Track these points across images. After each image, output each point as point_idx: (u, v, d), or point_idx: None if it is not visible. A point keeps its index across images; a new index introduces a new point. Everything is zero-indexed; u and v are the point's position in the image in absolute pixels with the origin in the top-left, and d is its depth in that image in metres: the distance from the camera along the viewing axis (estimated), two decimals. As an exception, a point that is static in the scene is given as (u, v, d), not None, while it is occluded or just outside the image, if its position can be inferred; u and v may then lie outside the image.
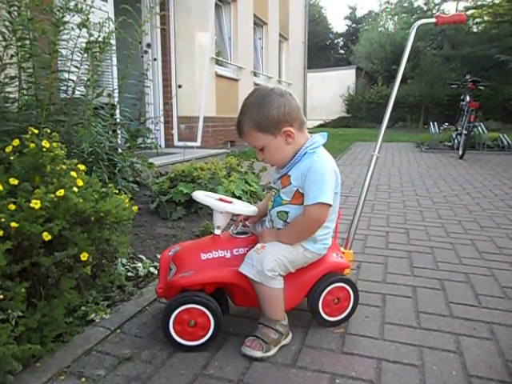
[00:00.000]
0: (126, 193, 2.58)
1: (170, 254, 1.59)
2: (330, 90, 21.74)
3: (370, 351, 1.38)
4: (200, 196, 1.52)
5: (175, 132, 7.09)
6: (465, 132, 7.28)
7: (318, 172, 1.38)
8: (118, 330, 1.49)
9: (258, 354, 1.32)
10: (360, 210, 1.97)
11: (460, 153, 7.29)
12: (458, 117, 8.26)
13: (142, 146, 4.52)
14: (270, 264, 1.35)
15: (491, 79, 15.86)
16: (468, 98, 7.60)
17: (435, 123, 9.57)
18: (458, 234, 2.79)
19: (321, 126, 19.24)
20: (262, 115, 1.35)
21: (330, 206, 1.40)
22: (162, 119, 6.47)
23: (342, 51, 37.75)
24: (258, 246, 1.42)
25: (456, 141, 8.18)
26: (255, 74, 9.97)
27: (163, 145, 6.89)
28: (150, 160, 4.19)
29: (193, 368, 1.28)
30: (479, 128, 8.61)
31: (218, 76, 7.93)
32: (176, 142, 7.02)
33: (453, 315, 1.65)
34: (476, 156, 7.69)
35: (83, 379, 1.22)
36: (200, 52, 7.13)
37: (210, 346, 1.40)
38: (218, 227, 1.49)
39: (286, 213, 1.47)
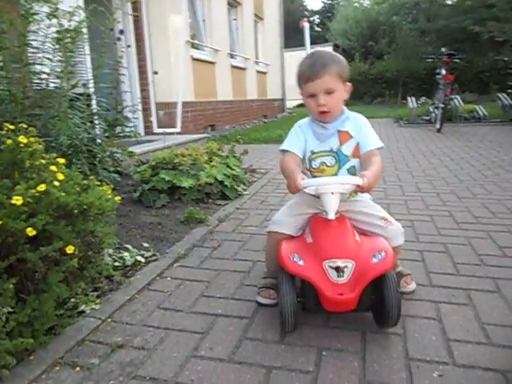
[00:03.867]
0: (107, 183, 2.57)
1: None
2: (308, 68, 21.55)
3: (355, 324, 1.44)
4: (309, 183, 1.40)
5: (154, 119, 7.01)
6: (441, 105, 7.38)
7: (368, 124, 1.61)
8: (109, 319, 1.51)
9: None
10: None
11: (437, 126, 7.41)
12: (434, 90, 8.35)
13: (121, 135, 4.46)
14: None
15: (466, 51, 16.01)
16: (444, 72, 7.67)
17: (413, 98, 9.66)
18: (436, 206, 2.87)
19: (300, 105, 19.19)
20: (343, 66, 1.54)
21: None
22: (139, 107, 6.37)
23: (318, 29, 37.41)
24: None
25: (433, 114, 8.28)
26: (232, 56, 9.85)
27: (143, 132, 6.81)
28: (130, 149, 4.16)
29: (184, 351, 1.32)
30: (455, 101, 8.73)
31: (194, 60, 7.82)
32: (155, 129, 6.95)
33: (432, 284, 1.72)
34: (453, 128, 7.82)
35: (78, 369, 1.25)
36: (174, 36, 7.00)
37: (201, 329, 1.44)
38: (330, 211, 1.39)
39: (354, 167, 1.58)
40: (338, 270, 1.30)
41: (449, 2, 21.40)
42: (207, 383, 1.17)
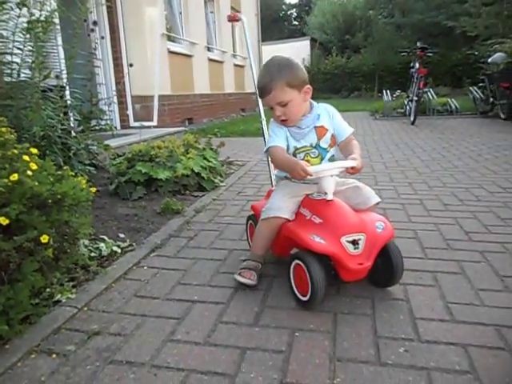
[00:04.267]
0: (82, 176, 2.56)
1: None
2: (286, 62, 21.62)
3: (327, 306, 1.49)
4: (316, 169, 1.52)
5: (130, 112, 6.94)
6: (415, 98, 7.54)
7: (337, 112, 1.74)
8: (85, 308, 1.52)
9: None
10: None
11: (412, 119, 7.57)
12: (408, 84, 8.51)
13: (97, 128, 4.42)
14: None
15: (440, 46, 16.35)
16: (417, 65, 7.85)
17: (388, 91, 9.83)
18: (408, 194, 2.96)
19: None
20: (292, 73, 1.59)
21: None
22: (115, 99, 6.30)
23: (295, 22, 37.50)
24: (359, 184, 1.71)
25: (408, 107, 8.46)
26: (209, 49, 9.81)
27: (119, 126, 6.74)
28: (106, 142, 4.11)
29: (161, 335, 1.35)
30: (429, 94, 8.93)
31: (171, 52, 7.76)
32: (132, 123, 6.88)
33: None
34: (427, 121, 8.01)
35: (54, 355, 1.26)
36: (150, 28, 6.93)
37: (177, 314, 1.47)
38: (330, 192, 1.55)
39: (333, 156, 1.71)
40: (353, 243, 1.46)
41: (423, -3, 21.75)
42: (183, 365, 1.20)
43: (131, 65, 5.53)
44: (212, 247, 2.10)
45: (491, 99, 8.07)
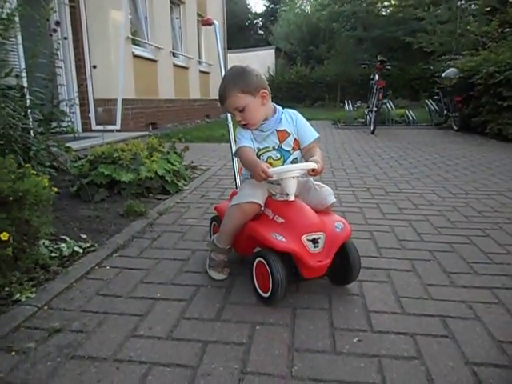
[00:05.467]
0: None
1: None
2: (251, 70, 21.84)
3: (286, 302, 1.55)
4: (276, 171, 1.56)
5: (92, 115, 6.80)
6: (375, 109, 7.84)
7: (302, 118, 1.79)
8: (46, 307, 1.51)
9: None
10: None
11: (371, 128, 7.85)
12: (369, 95, 8.83)
13: (58, 129, 4.32)
14: None
15: (399, 59, 17.04)
16: (377, 77, 8.15)
17: (349, 101, 10.15)
18: (366, 199, 3.09)
19: (244, 106, 19.38)
20: (245, 80, 1.66)
21: None
22: (77, 101, 6.17)
23: (261, 32, 37.96)
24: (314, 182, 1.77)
25: (368, 117, 8.77)
26: (174, 55, 9.78)
27: (80, 129, 6.60)
28: (68, 144, 4.04)
29: (123, 331, 1.36)
30: (388, 105, 9.29)
31: (136, 56, 7.70)
32: (94, 126, 6.75)
33: (358, 266, 1.88)
34: (386, 131, 8.32)
35: (13, 353, 1.25)
36: (114, 31, 6.85)
37: (139, 311, 1.48)
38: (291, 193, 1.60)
39: (296, 159, 1.75)
40: (314, 241, 1.52)
41: (383, 13, 22.63)
42: (146, 358, 1.22)
43: (94, 66, 5.46)
44: (175, 248, 2.12)
45: (445, 111, 8.50)
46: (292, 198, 1.60)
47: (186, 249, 2.10)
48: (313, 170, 1.60)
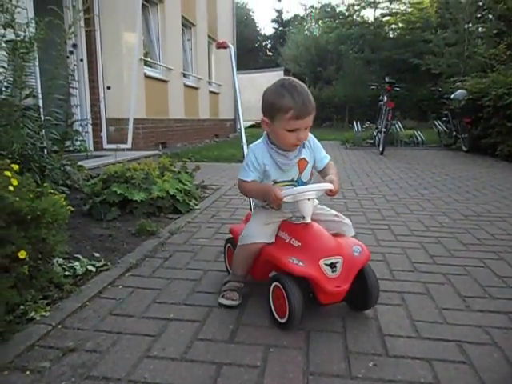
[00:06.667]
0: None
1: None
2: (260, 91, 21.80)
3: (300, 324, 1.54)
4: (290, 193, 1.54)
5: (104, 134, 6.92)
6: (384, 130, 7.88)
7: (316, 141, 1.75)
8: (60, 326, 1.52)
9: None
10: None
11: (380, 149, 7.87)
12: (377, 116, 8.88)
13: (71, 148, 4.40)
14: None
15: (407, 81, 17.16)
16: (386, 99, 8.22)
17: (358, 122, 10.20)
18: (377, 220, 3.09)
19: (252, 126, 19.55)
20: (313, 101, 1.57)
21: None
22: (90, 121, 6.29)
23: (270, 53, 38.56)
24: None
25: (377, 138, 8.79)
26: (185, 76, 9.96)
27: (92, 148, 6.69)
28: (80, 163, 4.11)
29: (137, 352, 1.36)
30: (397, 126, 9.34)
31: (147, 77, 7.85)
32: (105, 145, 6.86)
33: (371, 289, 1.86)
34: (394, 152, 8.33)
35: (28, 372, 1.25)
36: (128, 53, 7.01)
37: (153, 332, 1.48)
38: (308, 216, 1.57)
39: None
40: (331, 266, 1.48)
41: (391, 36, 22.95)
42: (160, 380, 1.22)
43: (109, 87, 5.58)
44: (187, 268, 2.13)
45: (454, 133, 8.52)
46: (308, 220, 1.57)
47: (198, 269, 2.10)
48: (330, 190, 1.58)
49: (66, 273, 1.90)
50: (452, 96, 8.30)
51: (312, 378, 1.24)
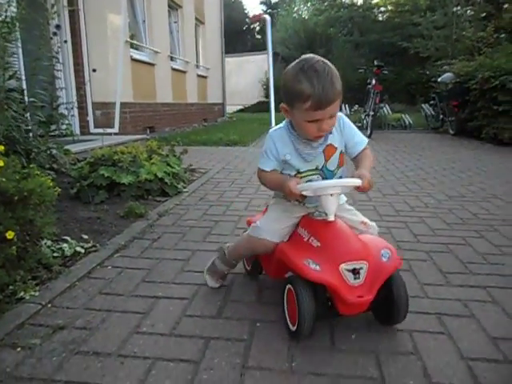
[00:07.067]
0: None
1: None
2: (248, 74, 22.03)
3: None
4: (307, 187, 1.36)
5: (91, 118, 6.85)
6: (372, 113, 7.91)
7: (349, 122, 1.50)
8: (49, 305, 1.54)
9: None
10: None
11: (368, 132, 7.90)
12: (365, 99, 8.90)
13: (57, 132, 4.35)
14: None
15: (395, 64, 17.16)
16: (374, 82, 8.22)
17: (346, 105, 10.22)
18: (363, 201, 3.13)
19: (240, 110, 19.48)
20: (340, 84, 1.34)
21: None
22: (75, 104, 6.21)
23: (258, 36, 38.16)
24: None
25: (365, 121, 8.82)
26: (172, 59, 9.83)
27: (78, 132, 6.62)
28: (66, 147, 4.07)
29: (127, 328, 1.39)
30: (384, 109, 9.38)
31: (134, 60, 7.74)
32: (92, 129, 6.80)
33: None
34: (382, 135, 8.39)
35: (19, 349, 1.27)
36: (113, 35, 6.89)
37: (142, 309, 1.51)
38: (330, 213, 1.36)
39: (340, 177, 1.51)
40: (354, 272, 1.29)
41: (380, 19, 22.83)
42: (149, 353, 1.25)
43: (94, 70, 5.49)
44: (176, 248, 2.15)
45: (441, 116, 8.59)
46: (332, 217, 1.36)
47: (186, 249, 2.13)
48: (358, 186, 1.35)
49: (55, 254, 1.91)
50: (439, 79, 8.34)
51: (297, 350, 1.28)
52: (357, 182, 1.34)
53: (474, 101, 7.23)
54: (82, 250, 2.01)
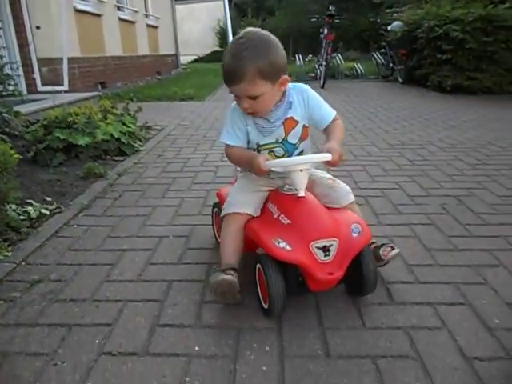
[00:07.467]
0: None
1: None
2: (200, 22, 21.24)
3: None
4: (275, 164, 1.33)
5: (37, 76, 6.56)
6: (324, 63, 8.03)
7: (315, 95, 1.48)
8: (23, 263, 1.68)
9: None
10: None
11: (321, 82, 8.07)
12: (319, 49, 8.96)
13: (4, 93, 4.24)
14: None
15: (349, 11, 17.06)
16: (326, 31, 8.27)
17: (300, 56, 10.25)
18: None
19: (195, 61, 18.95)
20: (269, 61, 1.28)
21: None
22: (19, 64, 5.94)
23: (209, -20, 36.26)
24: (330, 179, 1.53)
25: (318, 71, 8.94)
26: (119, 9, 9.37)
27: (25, 91, 6.35)
28: (16, 108, 4.00)
29: (98, 278, 1.57)
30: (337, 59, 9.50)
31: (78, 11, 7.35)
32: (40, 87, 6.53)
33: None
34: (335, 84, 8.57)
35: (1, 302, 1.43)
36: (53, -16, 6.49)
37: (110, 261, 1.69)
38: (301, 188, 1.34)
39: (302, 152, 1.49)
40: (324, 249, 1.28)
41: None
42: (120, 297, 1.45)
43: (38, 27, 5.25)
44: (137, 205, 2.30)
45: (391, 65, 8.83)
46: (302, 193, 1.34)
47: (147, 205, 2.29)
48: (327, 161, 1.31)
49: (21, 217, 2.02)
50: (389, 28, 8.49)
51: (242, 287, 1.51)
52: (327, 156, 1.31)
53: (421, 49, 7.47)
54: (47, 212, 2.13)
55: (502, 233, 1.90)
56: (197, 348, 1.20)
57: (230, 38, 1.91)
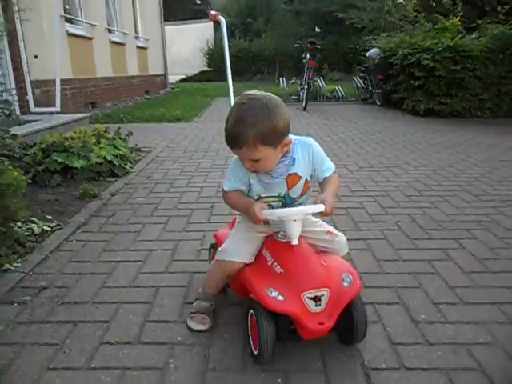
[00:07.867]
0: None
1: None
2: (190, 42, 21.78)
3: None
4: (270, 214, 1.38)
5: (30, 98, 6.83)
6: (306, 87, 8.46)
7: (318, 149, 1.51)
8: (31, 272, 1.96)
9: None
10: None
11: (303, 105, 8.48)
12: (302, 72, 9.41)
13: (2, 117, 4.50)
14: None
15: (334, 33, 17.75)
16: (308, 57, 8.73)
17: (284, 78, 10.70)
18: (288, 175, 3.70)
19: (183, 80, 19.37)
20: (270, 127, 1.30)
21: None
22: (13, 85, 6.22)
23: (198, 2, 37.14)
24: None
25: (301, 94, 9.37)
26: (110, 31, 9.75)
27: (18, 112, 6.62)
28: (12, 131, 4.25)
29: (96, 285, 1.85)
30: (319, 82, 9.97)
31: (70, 35, 7.69)
32: (32, 108, 6.80)
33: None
34: (317, 107, 9.01)
35: (15, 304, 1.71)
36: (46, 9, 6.82)
37: (107, 271, 1.97)
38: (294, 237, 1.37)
39: (300, 204, 1.50)
40: (315, 299, 1.32)
41: (319, -14, 23.11)
42: (116, 300, 1.73)
43: (36, 56, 5.53)
44: (128, 223, 2.60)
45: (370, 88, 9.32)
46: (295, 242, 1.37)
47: (138, 223, 2.58)
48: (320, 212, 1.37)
49: (26, 233, 2.30)
50: (367, 54, 9.01)
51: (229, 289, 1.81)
52: (319, 208, 1.36)
53: (397, 75, 7.97)
54: (49, 229, 2.41)
55: (442, 246, 2.24)
56: (179, 338, 1.50)
57: (228, 62, 1.97)
